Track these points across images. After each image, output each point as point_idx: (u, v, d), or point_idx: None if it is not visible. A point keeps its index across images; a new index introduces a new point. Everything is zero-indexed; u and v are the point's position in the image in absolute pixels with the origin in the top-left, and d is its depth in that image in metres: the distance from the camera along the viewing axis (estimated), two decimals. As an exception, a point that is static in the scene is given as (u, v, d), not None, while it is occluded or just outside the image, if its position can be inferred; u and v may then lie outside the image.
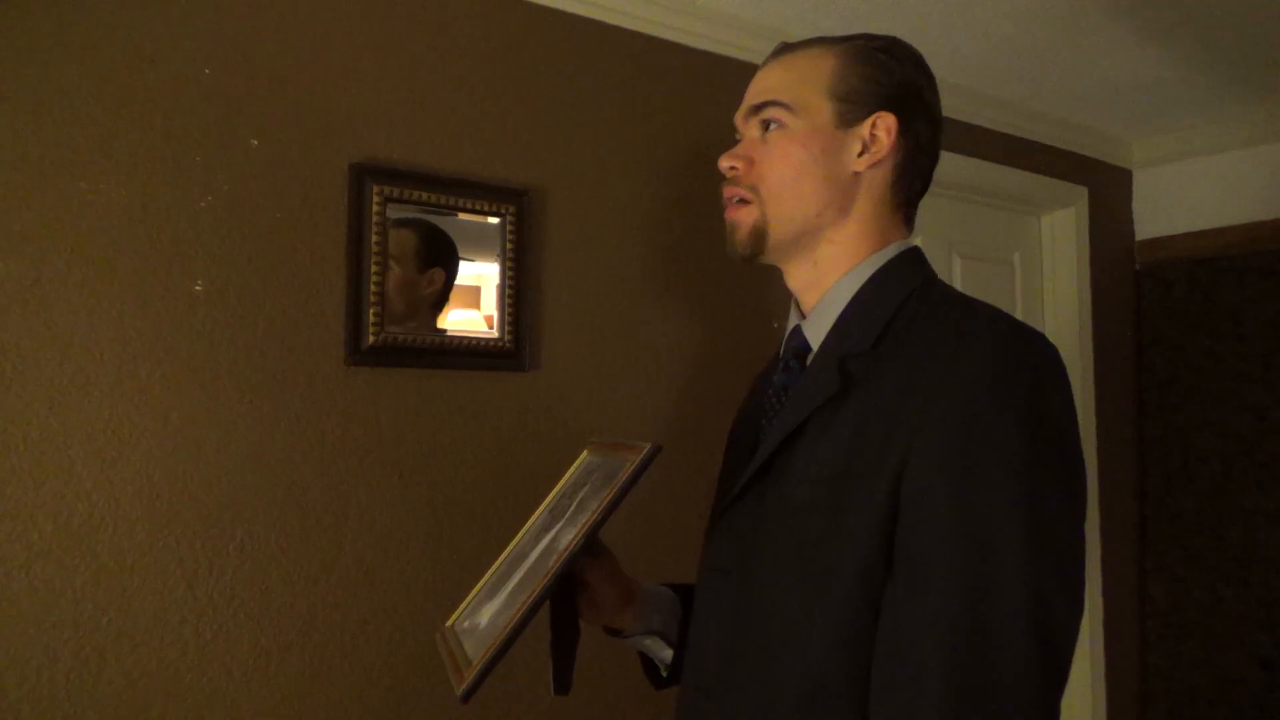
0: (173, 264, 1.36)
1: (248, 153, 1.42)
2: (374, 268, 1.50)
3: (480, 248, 1.64)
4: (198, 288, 1.38)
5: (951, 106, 2.48)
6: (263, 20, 1.45)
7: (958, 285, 2.48)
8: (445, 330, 1.60)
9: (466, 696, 0.91)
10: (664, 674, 1.14)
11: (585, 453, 1.19)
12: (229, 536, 1.38)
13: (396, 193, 1.53)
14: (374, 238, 1.50)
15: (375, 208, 1.51)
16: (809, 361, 0.96)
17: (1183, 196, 2.77)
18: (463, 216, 1.61)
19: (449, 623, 1.13)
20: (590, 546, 1.02)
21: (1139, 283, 2.85)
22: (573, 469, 1.18)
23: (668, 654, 1.12)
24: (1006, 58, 2.16)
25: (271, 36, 1.45)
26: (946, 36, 2.02)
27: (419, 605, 1.53)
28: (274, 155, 1.44)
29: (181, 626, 1.34)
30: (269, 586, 1.41)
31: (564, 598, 1.04)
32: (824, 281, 0.97)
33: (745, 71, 1.06)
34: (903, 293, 0.93)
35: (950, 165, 2.33)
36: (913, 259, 0.97)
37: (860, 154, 0.95)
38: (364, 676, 1.48)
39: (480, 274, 1.65)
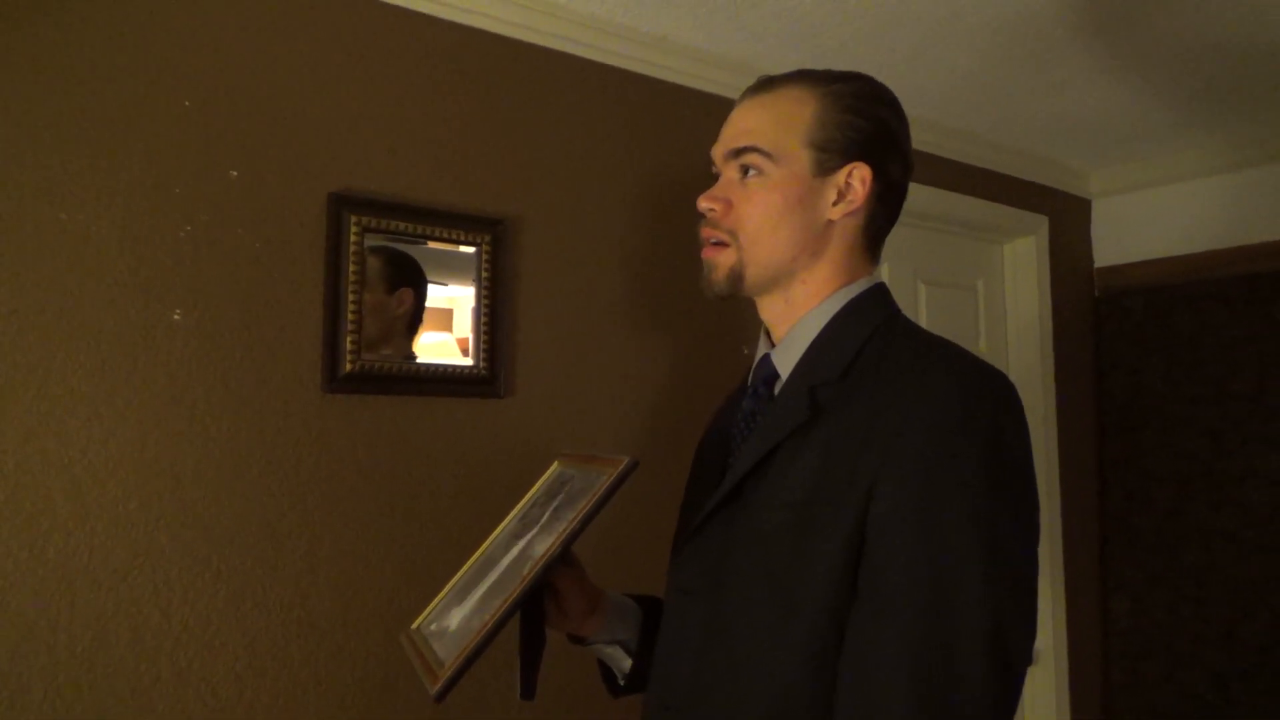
0: (151, 293, 1.37)
1: (227, 183, 1.44)
2: (351, 296, 1.52)
3: (454, 274, 1.66)
4: (176, 316, 1.39)
5: (917, 139, 2.51)
6: (242, 53, 1.47)
7: (923, 311, 2.54)
8: (420, 357, 1.62)
9: (440, 696, 0.93)
10: (622, 683, 1.16)
11: (556, 464, 1.21)
12: (205, 564, 1.39)
13: (374, 222, 1.55)
14: (351, 267, 1.52)
15: (353, 237, 1.52)
16: (778, 389, 1.00)
17: (1140, 226, 2.85)
18: (439, 245, 1.64)
19: (414, 625, 1.15)
20: (563, 555, 1.05)
21: (1098, 309, 2.92)
22: (543, 480, 1.20)
23: (627, 664, 1.15)
24: (970, 92, 2.22)
25: (251, 69, 1.47)
26: (913, 72, 2.08)
27: (393, 631, 1.54)
28: (253, 185, 1.46)
29: (157, 654, 1.34)
30: (244, 613, 1.42)
31: (533, 604, 1.06)
32: (795, 314, 1.01)
33: (717, 104, 1.09)
34: (869, 327, 0.97)
35: (916, 195, 2.36)
36: (879, 295, 1.01)
37: (835, 202, 0.98)
38: (338, 701, 1.49)
39: (452, 296, 1.67)
